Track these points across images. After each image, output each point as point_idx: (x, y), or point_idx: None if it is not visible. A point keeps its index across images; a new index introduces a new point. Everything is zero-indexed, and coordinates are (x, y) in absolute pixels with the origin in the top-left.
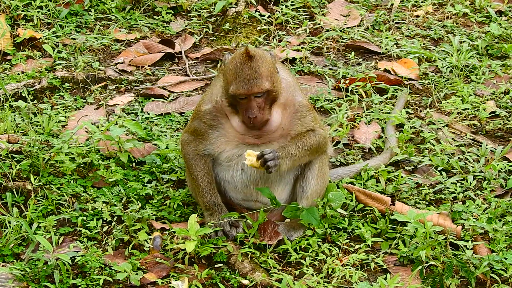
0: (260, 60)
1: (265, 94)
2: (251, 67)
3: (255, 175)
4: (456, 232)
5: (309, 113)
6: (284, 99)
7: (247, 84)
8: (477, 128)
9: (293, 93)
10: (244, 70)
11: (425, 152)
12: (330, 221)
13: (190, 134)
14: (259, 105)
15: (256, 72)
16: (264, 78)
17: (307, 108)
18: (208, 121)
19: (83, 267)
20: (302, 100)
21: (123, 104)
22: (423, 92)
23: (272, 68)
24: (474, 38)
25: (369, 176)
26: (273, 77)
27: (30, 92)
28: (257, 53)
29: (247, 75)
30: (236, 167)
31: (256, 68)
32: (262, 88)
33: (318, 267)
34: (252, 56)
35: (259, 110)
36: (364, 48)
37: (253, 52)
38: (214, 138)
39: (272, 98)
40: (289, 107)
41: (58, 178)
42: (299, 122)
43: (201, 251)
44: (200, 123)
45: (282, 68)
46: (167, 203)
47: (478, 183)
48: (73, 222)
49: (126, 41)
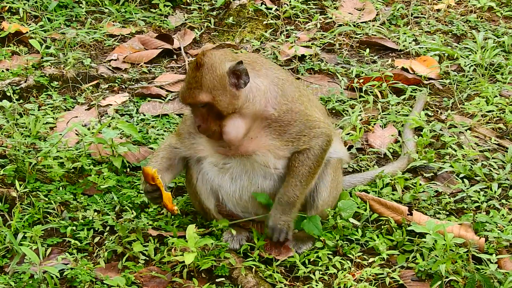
0: (207, 71)
1: (206, 106)
2: (195, 76)
3: (246, 185)
4: (479, 245)
5: (291, 127)
6: (250, 110)
7: (185, 93)
8: (503, 132)
9: (265, 104)
10: (188, 78)
11: (446, 157)
12: (341, 232)
13: (175, 134)
14: (202, 115)
15: (197, 82)
16: (204, 90)
17: (283, 123)
18: (186, 126)
19: (73, 281)
20: (275, 112)
21: (116, 105)
22: (444, 92)
23: (218, 81)
24: (500, 34)
25: (385, 183)
26: (217, 90)
27: (16, 91)
28: (208, 62)
29: (189, 83)
30: (224, 175)
31: (199, 78)
32: (197, 100)
33: (328, 282)
34: (200, 65)
35: (202, 120)
36: (380, 44)
37: (205, 60)
38: (190, 145)
39: (217, 111)
40: (260, 120)
41: (45, 184)
42: (275, 137)
43: (201, 264)
44: (182, 125)
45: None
46: (164, 212)
47: (503, 192)
48: (62, 232)
49: (120, 36)
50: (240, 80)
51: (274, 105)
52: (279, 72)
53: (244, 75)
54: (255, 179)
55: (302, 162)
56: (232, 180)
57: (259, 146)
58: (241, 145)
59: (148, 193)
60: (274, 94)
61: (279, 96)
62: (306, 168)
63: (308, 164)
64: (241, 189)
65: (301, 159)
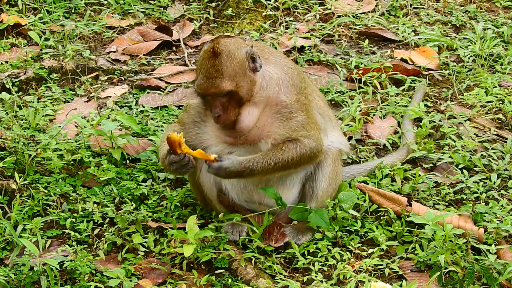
0: (226, 58)
1: (228, 94)
2: (214, 64)
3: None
4: (478, 235)
5: (297, 115)
6: (263, 97)
7: (206, 83)
8: (502, 123)
9: (277, 91)
10: (207, 67)
11: (445, 148)
12: (341, 223)
13: (178, 122)
14: (222, 104)
15: (217, 71)
16: (226, 78)
17: (292, 109)
18: (191, 116)
19: (72, 273)
20: (287, 100)
21: (115, 97)
22: (443, 83)
23: (239, 67)
24: (499, 24)
25: (384, 174)
26: (239, 77)
27: (15, 83)
28: (225, 49)
29: (208, 73)
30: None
31: (219, 66)
32: (221, 89)
33: (327, 273)
34: (217, 53)
35: (222, 109)
36: (379, 35)
37: (221, 48)
38: (195, 135)
39: (238, 99)
40: (270, 107)
41: (45, 176)
42: (280, 124)
43: (200, 256)
44: (185, 115)
45: (274, 61)
46: (163, 204)
47: (502, 182)
48: (62, 224)
49: (119, 28)
50: (256, 63)
51: (286, 93)
52: (286, 61)
53: (258, 58)
54: None
55: (289, 148)
56: None
57: (266, 134)
58: (250, 134)
59: (175, 163)
60: (286, 83)
61: (290, 85)
62: (289, 156)
63: (292, 155)
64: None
65: (289, 146)
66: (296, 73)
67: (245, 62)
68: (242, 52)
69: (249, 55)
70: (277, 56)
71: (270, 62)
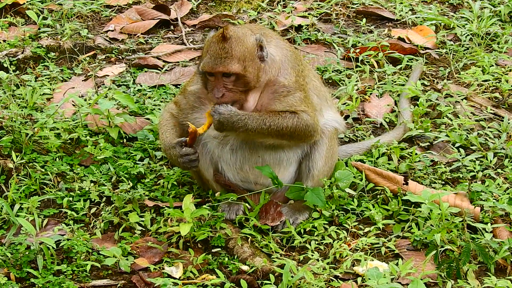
0: (235, 42)
1: (234, 77)
2: (223, 47)
3: (247, 156)
4: (474, 214)
5: (295, 94)
6: (265, 81)
7: (214, 62)
8: (499, 101)
9: (277, 73)
10: (215, 49)
11: (442, 127)
12: (337, 202)
13: (174, 103)
14: (226, 85)
15: (227, 52)
16: (235, 60)
17: (290, 89)
18: (190, 101)
19: (69, 252)
20: (285, 81)
21: (113, 75)
22: (440, 62)
23: (248, 52)
24: (496, 3)
25: (381, 153)
26: (247, 61)
27: (13, 62)
28: (235, 35)
29: (216, 54)
30: (225, 147)
31: (228, 48)
32: (229, 69)
33: (324, 251)
34: (227, 37)
35: (226, 90)
36: (377, 14)
37: (231, 33)
38: (192, 120)
39: (244, 83)
40: (269, 87)
41: (42, 155)
42: (277, 101)
43: (197, 235)
44: (183, 100)
45: (275, 44)
46: (160, 183)
47: (499, 161)
48: (58, 203)
49: (117, 7)
50: (263, 52)
51: (285, 75)
52: (285, 44)
53: (265, 48)
54: (256, 150)
55: (286, 116)
56: (233, 152)
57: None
58: None
59: (187, 155)
60: (285, 66)
61: (289, 67)
62: (284, 123)
63: (288, 123)
64: (242, 159)
65: (287, 115)
66: (294, 56)
67: (254, 48)
68: (252, 39)
69: (259, 43)
70: (277, 39)
71: (272, 45)
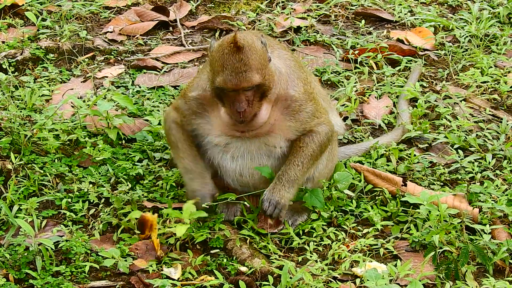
0: (250, 51)
1: (255, 88)
2: (240, 59)
3: (247, 163)
4: (472, 215)
5: (306, 106)
6: (275, 93)
7: (236, 78)
8: (497, 103)
9: (286, 86)
10: (232, 62)
11: (441, 128)
12: (336, 203)
13: (175, 110)
14: (247, 99)
15: (246, 65)
16: (255, 71)
17: (301, 102)
18: (193, 107)
19: (68, 253)
20: (295, 93)
21: (112, 77)
22: (439, 63)
23: (262, 58)
24: (495, 5)
25: (379, 154)
26: (264, 69)
27: (11, 63)
28: (246, 43)
29: (235, 68)
30: (226, 155)
31: (246, 60)
32: (252, 82)
33: (322, 253)
34: (240, 47)
35: (247, 103)
36: (376, 15)
37: (242, 42)
38: (196, 125)
39: (263, 91)
40: (280, 102)
41: (41, 156)
42: (292, 118)
43: (195, 236)
44: (185, 106)
45: (277, 54)
46: (159, 184)
47: (497, 162)
48: (57, 204)
49: (116, 8)
50: (268, 54)
51: (294, 86)
52: (286, 53)
53: (268, 47)
54: (258, 158)
55: (307, 144)
56: (233, 159)
57: (277, 128)
58: (261, 128)
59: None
60: (292, 77)
61: (295, 78)
62: (310, 150)
63: (312, 147)
64: (242, 167)
65: (306, 141)
66: (297, 64)
67: (265, 53)
68: (260, 44)
69: (265, 46)
70: (279, 48)
71: (274, 55)
